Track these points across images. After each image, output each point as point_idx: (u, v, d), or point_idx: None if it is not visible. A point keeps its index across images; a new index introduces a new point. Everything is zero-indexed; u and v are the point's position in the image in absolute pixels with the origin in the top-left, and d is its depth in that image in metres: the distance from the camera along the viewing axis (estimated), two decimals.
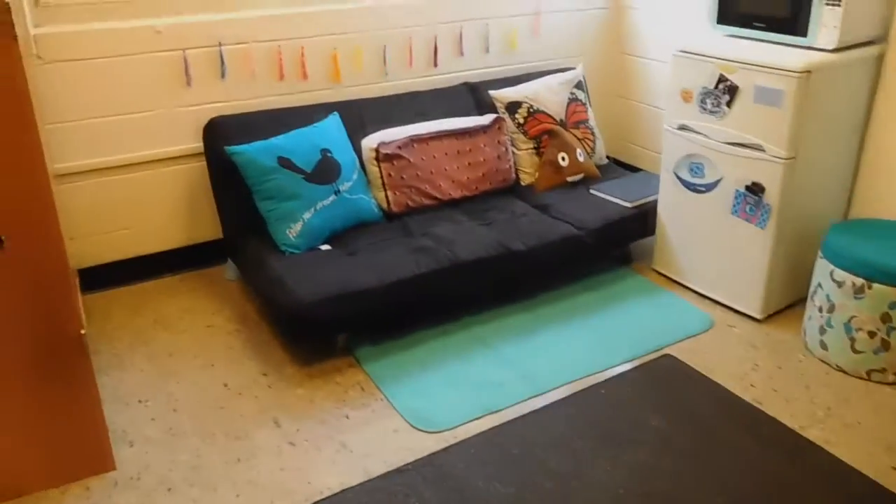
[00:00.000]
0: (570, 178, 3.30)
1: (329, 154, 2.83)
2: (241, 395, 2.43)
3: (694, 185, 2.90)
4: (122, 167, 2.93)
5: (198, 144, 2.97)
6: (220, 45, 2.94)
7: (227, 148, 2.75)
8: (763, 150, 2.63)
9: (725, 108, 2.70)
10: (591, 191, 3.24)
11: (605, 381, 2.50)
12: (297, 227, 2.72)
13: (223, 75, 2.98)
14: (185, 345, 2.70)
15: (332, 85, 3.23)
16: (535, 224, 2.95)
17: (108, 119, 2.84)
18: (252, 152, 2.73)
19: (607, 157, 3.71)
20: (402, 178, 2.97)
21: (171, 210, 3.09)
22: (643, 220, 3.13)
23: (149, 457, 2.18)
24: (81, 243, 2.96)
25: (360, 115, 3.11)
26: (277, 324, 2.76)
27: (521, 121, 3.32)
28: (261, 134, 2.86)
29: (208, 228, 3.15)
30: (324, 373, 2.55)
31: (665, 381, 2.50)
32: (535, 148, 3.33)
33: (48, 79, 2.70)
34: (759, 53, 2.61)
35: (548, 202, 3.16)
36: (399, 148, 2.97)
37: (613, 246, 3.18)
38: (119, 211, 2.99)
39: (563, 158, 3.28)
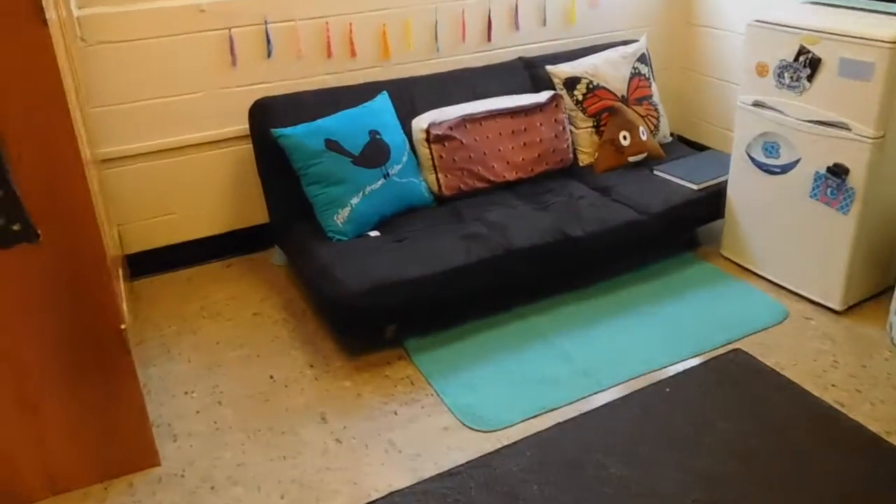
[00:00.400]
0: (631, 158, 3.11)
1: (378, 136, 2.71)
2: (287, 388, 2.36)
3: (768, 165, 2.68)
4: (168, 151, 2.87)
5: (244, 127, 2.88)
6: (265, 22, 2.83)
7: (273, 130, 2.65)
8: (848, 129, 2.40)
9: (806, 82, 2.47)
10: (655, 171, 3.05)
11: (670, 377, 2.34)
12: (345, 212, 2.61)
13: (269, 54, 2.88)
14: (231, 334, 2.64)
15: (381, 62, 3.10)
16: (594, 208, 2.78)
17: (152, 102, 2.78)
18: (298, 135, 2.63)
19: (672, 135, 3.50)
20: (453, 160, 2.84)
21: (218, 194, 3.03)
22: (711, 204, 2.92)
23: (193, 452, 2.12)
24: (129, 228, 2.92)
25: (410, 94, 2.97)
26: (325, 314, 2.67)
27: (580, 98, 3.14)
28: (308, 115, 2.75)
29: (255, 213, 3.08)
30: (372, 365, 2.45)
31: (735, 378, 2.32)
32: (594, 126, 3.15)
33: (92, 62, 2.64)
34: (845, 22, 2.37)
35: (608, 184, 2.98)
36: (451, 128, 2.83)
37: (679, 231, 2.99)
38: (165, 196, 2.94)
39: (625, 137, 3.09)
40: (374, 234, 2.66)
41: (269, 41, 2.86)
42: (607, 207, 2.79)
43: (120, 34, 2.65)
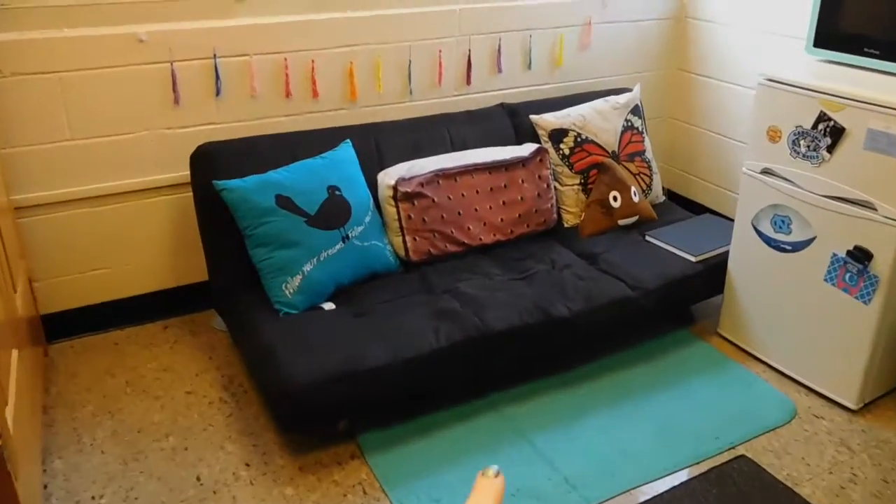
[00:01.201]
0: (621, 222, 2.80)
1: (338, 192, 2.37)
2: (215, 495, 1.98)
3: (777, 242, 2.39)
4: (98, 198, 2.50)
5: (187, 173, 2.52)
6: (215, 56, 2.49)
7: (215, 182, 2.29)
8: (873, 209, 2.11)
9: (825, 153, 2.19)
10: (648, 238, 2.74)
11: (666, 493, 2.01)
12: (296, 281, 2.26)
13: (218, 92, 2.53)
14: (157, 418, 2.26)
15: (347, 104, 2.76)
16: (580, 280, 2.46)
17: (80, 142, 2.41)
18: (245, 189, 2.28)
19: (664, 191, 3.21)
20: (423, 220, 2.50)
21: (157, 247, 2.66)
22: (710, 278, 2.62)
23: None
24: (48, 285, 2.53)
25: (377, 143, 2.64)
26: (267, 401, 2.30)
27: (567, 152, 2.83)
28: (260, 165, 2.40)
29: (198, 268, 2.70)
30: (319, 465, 2.09)
31: (741, 495, 2.00)
32: (581, 184, 2.84)
33: (8, 95, 2.27)
34: (873, 88, 2.09)
35: (595, 250, 2.67)
36: (422, 185, 2.50)
37: (674, 308, 2.68)
38: (94, 248, 2.56)
39: (615, 198, 2.78)
40: (328, 306, 2.30)
41: (217, 77, 2.51)
42: (594, 280, 2.47)
43: (43, 64, 2.28)
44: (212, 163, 2.39)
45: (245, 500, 1.96)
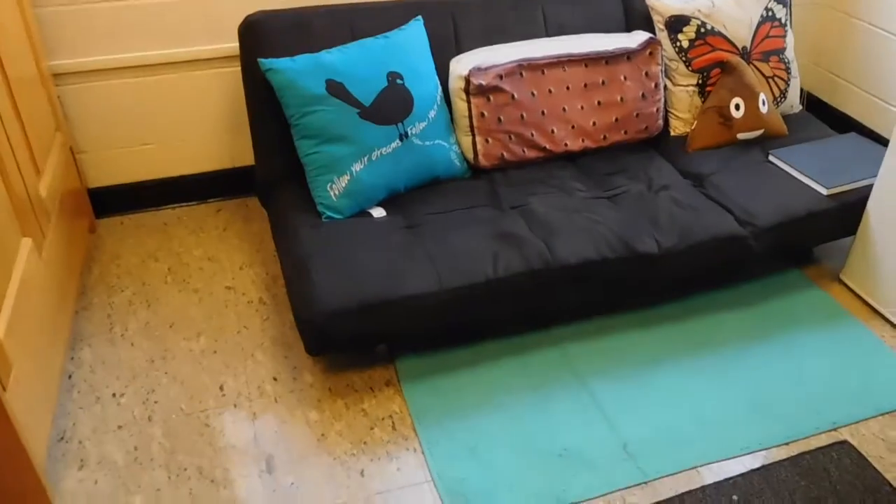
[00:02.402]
0: (742, 136, 2.32)
1: (399, 81, 2.03)
2: (235, 409, 1.84)
3: None
4: (143, 67, 2.27)
5: (237, 45, 2.23)
6: None
7: (261, 61, 2.00)
8: None
9: None
10: (771, 157, 2.27)
11: (739, 477, 1.70)
12: (343, 182, 1.98)
13: None
14: (192, 313, 2.12)
15: None
16: (678, 206, 2.06)
17: (119, 3, 2.15)
18: (293, 70, 1.97)
19: (801, 95, 2.66)
20: (498, 119, 2.13)
21: (211, 125, 2.44)
22: (842, 216, 2.14)
23: (96, 493, 1.65)
24: (93, 157, 2.38)
25: (454, 21, 2.24)
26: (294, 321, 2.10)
27: (685, 44, 2.33)
28: (314, 41, 2.08)
29: None
30: (350, 389, 1.90)
31: (833, 494, 1.66)
32: (698, 85, 2.36)
33: None
34: None
35: (703, 169, 2.23)
36: (500, 77, 2.11)
37: (791, 250, 2.24)
38: (143, 122, 2.36)
39: (738, 107, 2.29)
40: (377, 212, 2.03)
41: None
42: (696, 209, 2.06)
43: None
44: (260, 37, 2.08)
45: (265, 421, 1.81)
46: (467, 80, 2.08)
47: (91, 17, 2.14)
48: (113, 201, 2.47)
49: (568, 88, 2.20)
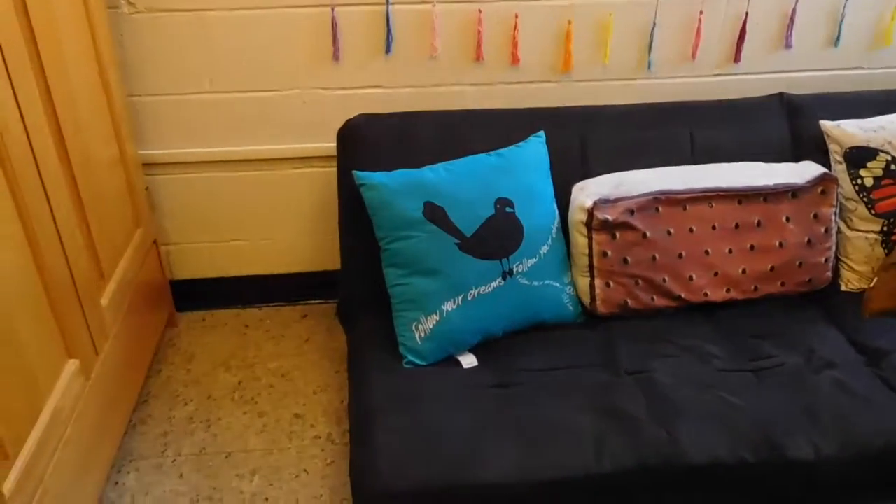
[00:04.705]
0: None
1: (508, 209, 1.73)
2: None
3: None
4: (238, 162, 2.12)
5: None
6: (387, 2, 1.91)
7: (356, 173, 1.77)
8: None
9: None
10: None
11: None
12: (431, 322, 1.69)
13: (388, 49, 1.97)
14: (253, 443, 1.89)
15: (556, 76, 2.07)
16: (847, 394, 1.61)
17: (220, 96, 2.01)
18: (389, 188, 1.72)
19: None
20: (624, 260, 1.78)
21: (304, 225, 2.25)
22: None
23: None
24: (181, 250, 2.24)
25: (583, 138, 1.93)
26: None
27: (869, 182, 1.90)
28: (420, 153, 1.83)
29: None
30: None
31: None
32: (882, 233, 1.90)
33: (141, 33, 1.91)
34: None
35: (884, 343, 1.76)
36: (631, 212, 1.76)
37: None
38: (233, 217, 2.21)
39: None
40: (467, 361, 1.72)
41: (389, 29, 1.94)
42: (869, 400, 1.60)
43: (181, 0, 1.88)
44: (359, 144, 1.86)
45: None
46: (590, 214, 1.75)
47: (187, 109, 2.01)
48: (197, 295, 2.31)
49: (714, 228, 1.82)
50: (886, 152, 1.89)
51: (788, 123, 2.02)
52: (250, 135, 2.07)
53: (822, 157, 1.96)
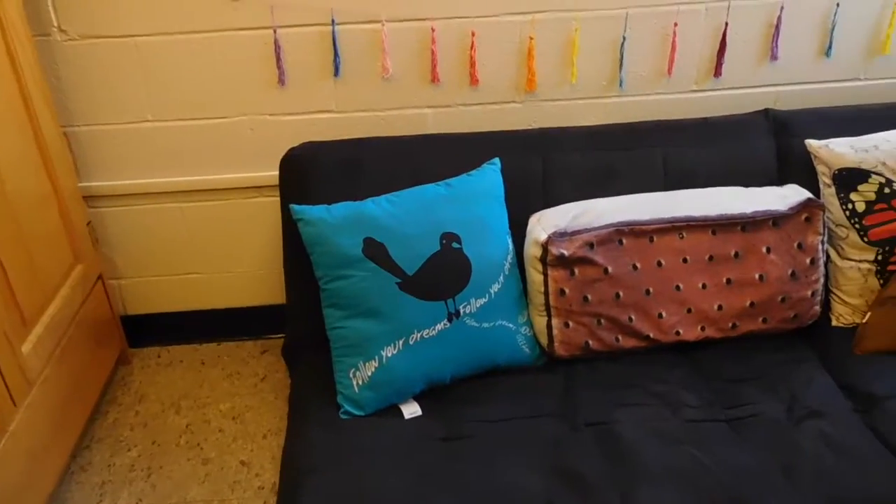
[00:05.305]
0: None
1: (455, 245, 1.59)
2: None
3: None
4: (187, 193, 2.01)
5: None
6: (333, 22, 1.79)
7: (293, 207, 1.64)
8: None
9: None
10: None
11: None
12: (370, 369, 1.56)
13: (337, 71, 1.85)
14: (193, 494, 1.77)
15: (520, 96, 1.93)
16: (831, 449, 1.44)
17: (162, 124, 1.91)
18: (325, 223, 1.59)
19: None
20: (584, 298, 1.63)
21: (262, 254, 2.13)
22: None
23: None
24: (134, 284, 2.14)
25: (545, 163, 1.78)
26: None
27: (861, 207, 1.72)
28: (367, 184, 1.71)
29: None
30: None
31: None
32: (876, 262, 1.73)
33: (76, 62, 1.81)
34: None
35: (876, 388, 1.58)
36: (590, 246, 1.61)
37: None
38: (186, 250, 2.10)
39: None
40: (410, 410, 1.58)
41: (336, 51, 1.82)
42: (857, 457, 1.43)
43: (114, 26, 1.78)
44: (303, 174, 1.74)
45: None
46: (545, 248, 1.60)
47: (130, 139, 1.91)
48: (153, 331, 2.21)
49: (685, 261, 1.66)
50: (880, 174, 1.71)
51: (775, 142, 1.85)
52: (199, 164, 1.96)
53: (811, 178, 1.79)
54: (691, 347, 1.70)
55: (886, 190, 1.71)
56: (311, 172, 1.74)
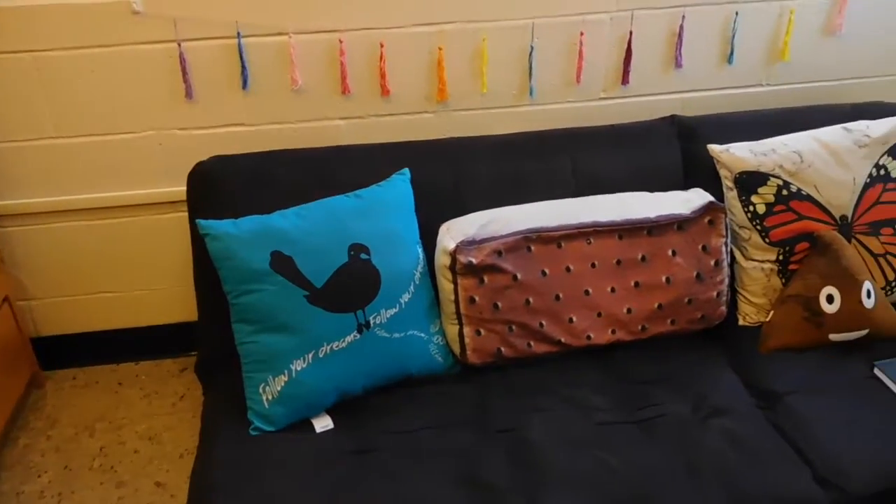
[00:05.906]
0: (836, 337, 1.71)
1: (364, 256, 1.59)
2: None
3: None
4: (96, 210, 1.96)
5: None
6: (238, 35, 1.78)
7: (199, 222, 1.62)
8: None
9: None
10: (877, 371, 1.65)
11: None
12: (279, 383, 1.54)
13: (245, 84, 1.83)
14: None
15: (432, 107, 1.94)
16: (734, 447, 1.48)
17: (67, 141, 1.86)
18: (232, 237, 1.57)
19: None
20: (494, 305, 1.64)
21: (178, 271, 2.09)
22: None
23: None
24: (46, 305, 2.08)
25: (456, 173, 1.79)
26: None
27: (761, 209, 1.77)
28: (275, 197, 1.68)
29: None
30: None
31: None
32: (778, 262, 1.78)
33: None
34: None
35: (779, 385, 1.64)
36: (499, 253, 1.63)
37: None
38: (98, 268, 2.05)
39: (831, 298, 1.69)
40: (321, 423, 1.56)
41: (243, 64, 1.81)
42: (758, 453, 1.47)
43: (11, 40, 1.73)
44: (211, 188, 1.72)
45: None
46: (453, 257, 1.61)
47: (33, 156, 1.86)
48: (68, 352, 2.15)
49: (594, 266, 1.69)
50: (777, 177, 1.77)
51: (680, 148, 1.90)
52: (108, 180, 1.92)
53: (716, 182, 1.84)
54: (603, 351, 1.73)
55: (784, 192, 1.76)
56: (219, 186, 1.71)
